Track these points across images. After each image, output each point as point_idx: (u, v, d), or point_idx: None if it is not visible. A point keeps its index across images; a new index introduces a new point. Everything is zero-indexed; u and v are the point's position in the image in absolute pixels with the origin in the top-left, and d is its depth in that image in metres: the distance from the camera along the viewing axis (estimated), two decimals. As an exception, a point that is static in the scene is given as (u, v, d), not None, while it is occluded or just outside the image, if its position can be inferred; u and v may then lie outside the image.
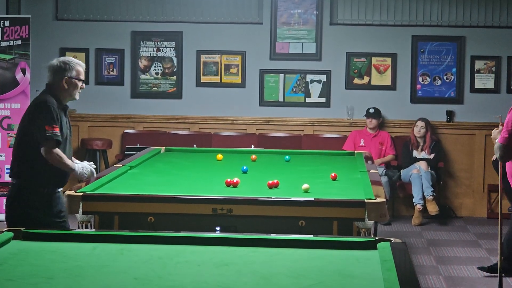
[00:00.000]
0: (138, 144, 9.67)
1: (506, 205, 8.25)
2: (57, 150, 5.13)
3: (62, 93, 5.27)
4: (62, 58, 5.30)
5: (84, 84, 5.34)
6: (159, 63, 10.08)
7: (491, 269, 6.88)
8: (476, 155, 9.90)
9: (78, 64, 5.26)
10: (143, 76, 10.09)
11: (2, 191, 9.09)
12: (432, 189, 9.26)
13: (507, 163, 6.07)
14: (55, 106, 5.17)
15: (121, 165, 6.44)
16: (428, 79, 9.93)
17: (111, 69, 10.09)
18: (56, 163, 5.14)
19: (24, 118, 5.30)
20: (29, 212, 5.10)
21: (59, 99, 5.27)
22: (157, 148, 7.81)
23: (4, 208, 5.27)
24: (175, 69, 10.08)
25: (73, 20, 10.10)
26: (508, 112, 5.72)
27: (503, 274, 6.22)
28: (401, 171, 9.58)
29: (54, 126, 5.08)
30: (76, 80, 5.24)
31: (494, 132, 6.15)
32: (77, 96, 5.31)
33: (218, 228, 4.99)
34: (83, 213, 5.08)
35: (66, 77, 5.22)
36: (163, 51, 10.07)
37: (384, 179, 9.14)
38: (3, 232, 3.95)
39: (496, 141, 5.71)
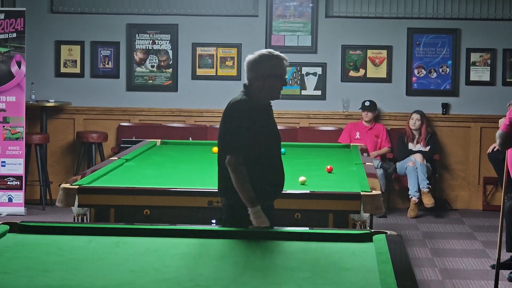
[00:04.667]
0: (133, 137, 9.67)
1: (499, 197, 8.24)
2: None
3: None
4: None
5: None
6: (154, 56, 10.06)
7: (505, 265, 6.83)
8: (472, 148, 9.91)
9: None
10: (138, 69, 10.08)
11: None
12: (428, 182, 9.27)
13: (508, 154, 6.05)
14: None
15: (116, 158, 6.44)
16: (424, 72, 9.93)
17: (106, 62, 10.08)
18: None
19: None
20: None
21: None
22: (152, 141, 7.82)
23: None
24: (171, 62, 10.06)
25: (69, 13, 10.07)
26: None
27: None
28: (397, 163, 9.58)
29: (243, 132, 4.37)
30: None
31: (501, 121, 6.09)
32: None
33: (214, 221, 4.99)
34: (79, 206, 5.08)
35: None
36: (158, 44, 10.05)
37: (379, 172, 9.15)
38: (-1, 225, 3.95)
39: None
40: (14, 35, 9.13)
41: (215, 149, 7.20)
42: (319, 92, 10.00)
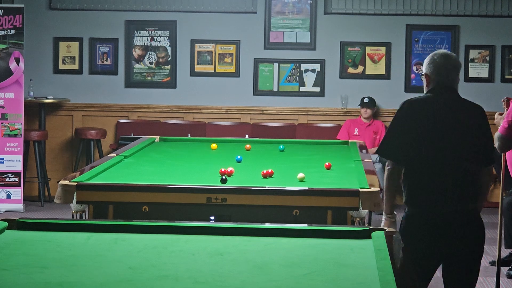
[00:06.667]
0: (132, 134, 9.66)
1: (497, 193, 8.23)
2: None
3: None
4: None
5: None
6: (153, 53, 10.06)
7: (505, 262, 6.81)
8: (470, 144, 9.90)
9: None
10: (137, 66, 10.08)
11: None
12: (426, 178, 9.24)
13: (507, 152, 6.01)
14: None
15: (115, 155, 6.43)
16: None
17: (105, 59, 10.07)
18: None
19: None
20: None
21: None
22: (151, 137, 7.81)
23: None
24: (169, 58, 10.06)
25: (67, 9, 10.06)
26: (510, 101, 5.66)
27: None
28: (395, 160, 9.55)
29: None
30: None
31: (497, 116, 5.93)
32: None
33: (212, 218, 4.99)
34: (77, 202, 5.07)
35: None
36: (157, 41, 10.05)
37: (378, 166, 9.13)
38: (-3, 221, 3.94)
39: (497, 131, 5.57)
40: (13, 31, 9.13)
41: (214, 145, 7.23)
42: (317, 89, 10.00)
